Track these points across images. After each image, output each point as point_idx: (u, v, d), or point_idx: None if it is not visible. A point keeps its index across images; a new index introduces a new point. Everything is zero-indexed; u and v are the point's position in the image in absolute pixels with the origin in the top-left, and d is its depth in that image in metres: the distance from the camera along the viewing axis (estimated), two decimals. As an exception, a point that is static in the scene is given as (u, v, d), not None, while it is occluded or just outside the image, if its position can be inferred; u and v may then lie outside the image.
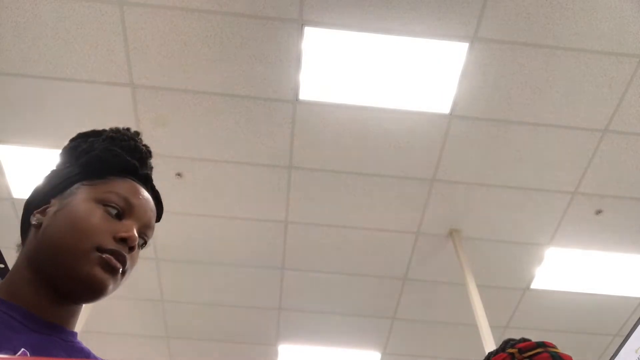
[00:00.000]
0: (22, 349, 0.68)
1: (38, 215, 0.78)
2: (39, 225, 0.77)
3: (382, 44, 2.54)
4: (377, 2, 2.42)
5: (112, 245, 0.75)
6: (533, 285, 3.64)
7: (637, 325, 2.24)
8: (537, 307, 3.77)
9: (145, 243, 0.85)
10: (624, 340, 2.33)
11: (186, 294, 3.80)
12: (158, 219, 0.91)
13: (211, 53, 2.58)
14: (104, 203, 0.79)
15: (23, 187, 3.13)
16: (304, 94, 2.73)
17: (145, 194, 0.85)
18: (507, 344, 1.20)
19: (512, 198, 3.16)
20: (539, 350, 1.13)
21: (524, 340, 1.20)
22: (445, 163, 3.01)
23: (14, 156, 2.99)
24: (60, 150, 0.88)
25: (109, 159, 0.84)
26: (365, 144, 2.94)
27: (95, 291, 0.74)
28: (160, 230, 3.72)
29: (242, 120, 2.83)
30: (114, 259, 0.75)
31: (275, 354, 4.18)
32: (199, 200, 3.22)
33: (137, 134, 0.92)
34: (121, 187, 0.82)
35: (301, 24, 2.48)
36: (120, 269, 0.76)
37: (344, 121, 2.85)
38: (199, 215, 3.30)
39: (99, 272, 0.73)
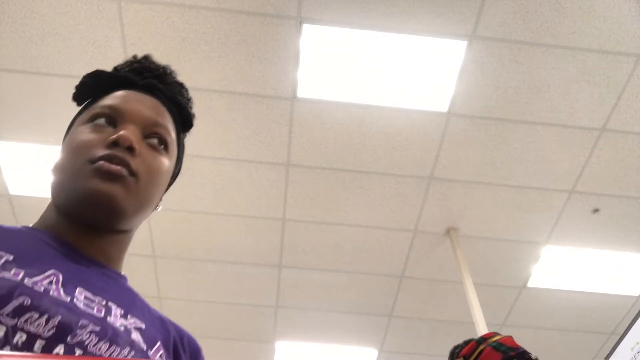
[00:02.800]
0: (52, 270, 0.62)
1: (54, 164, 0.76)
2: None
3: (381, 42, 2.53)
4: (376, 0, 2.41)
5: (102, 152, 0.68)
6: (530, 284, 3.65)
7: (634, 323, 2.25)
8: (533, 305, 3.79)
9: (161, 140, 0.75)
10: (620, 338, 2.34)
11: (183, 291, 3.80)
12: (187, 125, 0.84)
13: (209, 50, 2.57)
14: (90, 120, 0.74)
15: (20, 184, 3.12)
16: (302, 92, 2.73)
17: (140, 96, 0.77)
18: (453, 354, 1.22)
19: (509, 196, 3.17)
20: (480, 347, 1.14)
21: (466, 343, 1.21)
22: (442, 161, 3.01)
23: (10, 153, 2.98)
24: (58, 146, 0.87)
25: (90, 80, 0.80)
26: (363, 141, 2.94)
27: (100, 204, 0.66)
28: (157, 228, 3.71)
29: (239, 118, 2.82)
30: (108, 163, 0.67)
31: (273, 351, 4.18)
32: (196, 198, 3.22)
33: (145, 57, 0.86)
34: (107, 99, 0.76)
35: (299, 21, 2.47)
36: (125, 172, 0.67)
37: (342, 119, 2.85)
38: (196, 212, 3.30)
39: (96, 183, 0.66)
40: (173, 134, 0.79)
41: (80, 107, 0.82)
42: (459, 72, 2.63)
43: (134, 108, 0.74)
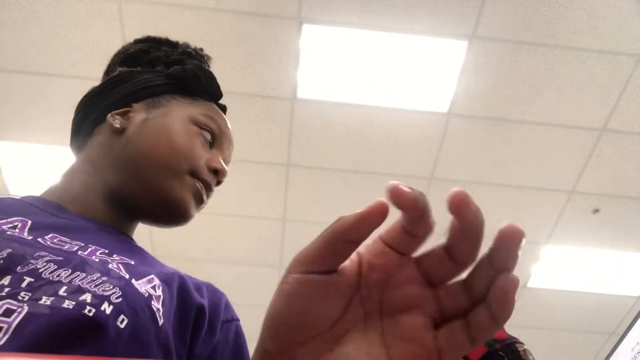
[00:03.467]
0: (19, 217, 0.56)
1: (119, 118, 0.70)
2: (121, 131, 0.69)
3: (381, 42, 2.53)
4: (376, 0, 2.41)
5: (207, 176, 0.70)
6: (530, 284, 3.64)
7: (634, 324, 2.25)
8: (533, 306, 3.78)
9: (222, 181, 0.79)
10: (620, 339, 2.34)
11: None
12: None
13: (209, 50, 2.55)
14: (201, 126, 0.72)
15: (20, 184, 3.12)
16: (302, 92, 2.73)
17: (229, 126, 0.79)
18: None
19: (509, 196, 3.17)
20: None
21: None
22: (443, 161, 3.01)
23: (11, 153, 2.98)
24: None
25: (203, 80, 0.77)
26: (363, 141, 2.94)
27: (178, 216, 0.68)
28: (157, 228, 3.72)
29: (240, 118, 2.82)
30: (205, 191, 0.70)
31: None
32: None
33: (209, 58, 0.86)
34: (214, 112, 0.76)
35: (299, 21, 2.47)
36: (206, 203, 0.72)
37: (342, 119, 2.85)
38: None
39: (190, 199, 0.68)
40: None
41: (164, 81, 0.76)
42: (459, 72, 2.63)
43: (229, 139, 0.78)
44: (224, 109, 0.81)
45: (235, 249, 3.52)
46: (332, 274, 0.35)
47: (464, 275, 0.34)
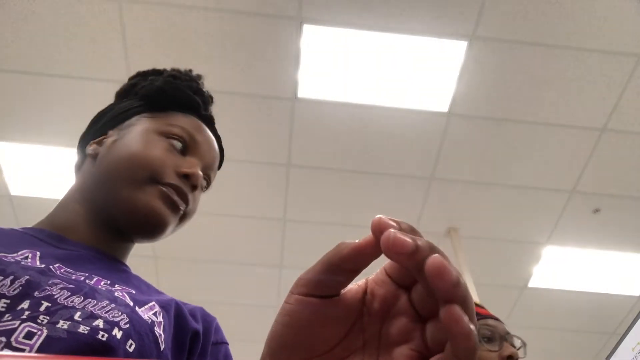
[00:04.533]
0: (27, 250, 0.59)
1: (94, 146, 0.74)
2: (95, 155, 0.73)
3: (381, 42, 2.53)
4: (376, 0, 2.41)
5: (173, 179, 0.69)
6: (530, 284, 3.64)
7: (635, 324, 2.25)
8: (534, 306, 3.78)
9: (208, 185, 0.79)
10: (620, 339, 2.34)
11: (184, 292, 3.79)
12: (219, 165, 0.86)
13: (210, 50, 2.57)
14: (167, 135, 0.73)
15: (21, 184, 3.13)
16: (303, 92, 2.73)
17: (208, 132, 0.79)
18: None
19: (510, 196, 3.17)
20: None
21: None
22: (443, 161, 3.01)
23: (12, 153, 2.98)
24: (55, 147, 0.85)
25: (171, 92, 0.78)
26: (363, 141, 2.94)
27: (154, 225, 0.68)
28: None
29: (240, 118, 2.82)
30: (176, 194, 0.69)
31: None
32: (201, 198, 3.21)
33: (199, 76, 0.86)
34: (185, 121, 0.76)
35: (300, 21, 2.47)
36: (183, 208, 0.71)
37: (342, 119, 2.85)
38: (197, 212, 3.30)
39: (158, 204, 0.68)
40: None
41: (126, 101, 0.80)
42: (459, 72, 2.63)
43: (206, 145, 0.76)
44: (206, 118, 0.82)
45: (235, 249, 3.52)
46: (333, 297, 0.35)
47: None
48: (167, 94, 0.78)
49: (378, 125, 2.87)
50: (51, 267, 0.58)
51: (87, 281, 0.58)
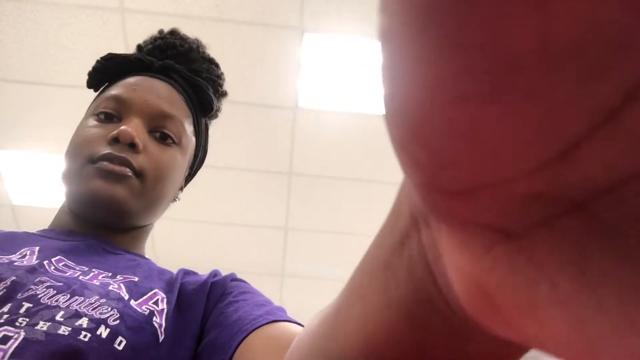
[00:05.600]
0: (28, 247, 0.58)
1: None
2: None
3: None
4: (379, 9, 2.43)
5: (104, 150, 0.64)
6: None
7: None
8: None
9: (165, 135, 0.69)
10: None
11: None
12: (204, 109, 0.77)
13: (211, 60, 2.59)
14: (95, 114, 0.70)
15: (22, 194, 3.13)
16: (304, 101, 2.74)
17: (151, 82, 0.71)
18: None
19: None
20: None
21: None
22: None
23: (14, 162, 2.99)
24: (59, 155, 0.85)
25: (102, 65, 0.74)
26: (365, 150, 2.95)
27: (104, 206, 0.63)
28: (159, 237, 3.71)
29: (242, 127, 2.83)
30: (109, 163, 0.63)
31: None
32: (198, 206, 3.22)
33: (171, 32, 0.80)
34: (114, 88, 0.71)
35: (301, 30, 2.49)
36: (128, 172, 0.63)
37: (344, 128, 2.85)
38: (198, 221, 3.30)
39: (98, 185, 0.63)
40: (187, 124, 0.73)
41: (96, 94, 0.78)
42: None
43: (140, 98, 0.68)
44: (161, 68, 0.73)
45: (236, 258, 3.51)
46: None
47: None
48: (97, 71, 0.74)
49: (380, 134, 2.88)
50: (45, 262, 0.56)
51: (80, 277, 0.55)
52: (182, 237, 3.38)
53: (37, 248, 0.59)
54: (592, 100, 0.11)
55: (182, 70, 0.74)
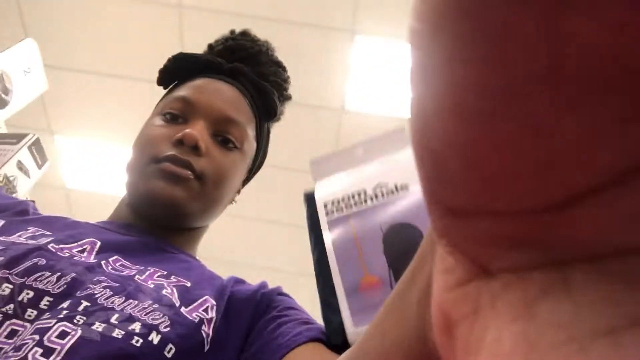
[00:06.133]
0: (90, 239, 0.59)
1: None
2: None
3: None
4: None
5: (168, 151, 0.65)
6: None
7: None
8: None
9: (228, 140, 0.69)
10: None
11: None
12: (268, 114, 0.77)
13: (263, 58, 2.62)
14: (162, 113, 0.70)
15: (76, 178, 3.27)
16: (351, 104, 2.73)
17: (218, 84, 0.72)
18: None
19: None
20: None
21: None
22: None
23: (70, 148, 3.12)
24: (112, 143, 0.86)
25: (173, 64, 0.75)
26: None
27: (163, 206, 0.64)
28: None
29: (288, 125, 2.85)
30: (172, 165, 0.63)
31: None
32: (241, 203, 3.26)
33: (242, 33, 0.78)
34: (182, 89, 0.72)
35: (352, 32, 2.49)
36: (189, 175, 0.64)
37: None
38: (241, 217, 3.35)
39: (157, 184, 0.63)
40: (249, 129, 0.73)
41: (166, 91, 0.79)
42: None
43: (207, 101, 0.69)
44: (230, 71, 0.74)
45: (276, 256, 3.54)
46: None
47: None
48: (171, 69, 0.75)
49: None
50: (103, 262, 0.57)
51: (137, 277, 0.56)
52: (223, 231, 3.43)
53: (99, 244, 0.59)
54: (599, 156, 0.10)
55: (250, 73, 0.75)
